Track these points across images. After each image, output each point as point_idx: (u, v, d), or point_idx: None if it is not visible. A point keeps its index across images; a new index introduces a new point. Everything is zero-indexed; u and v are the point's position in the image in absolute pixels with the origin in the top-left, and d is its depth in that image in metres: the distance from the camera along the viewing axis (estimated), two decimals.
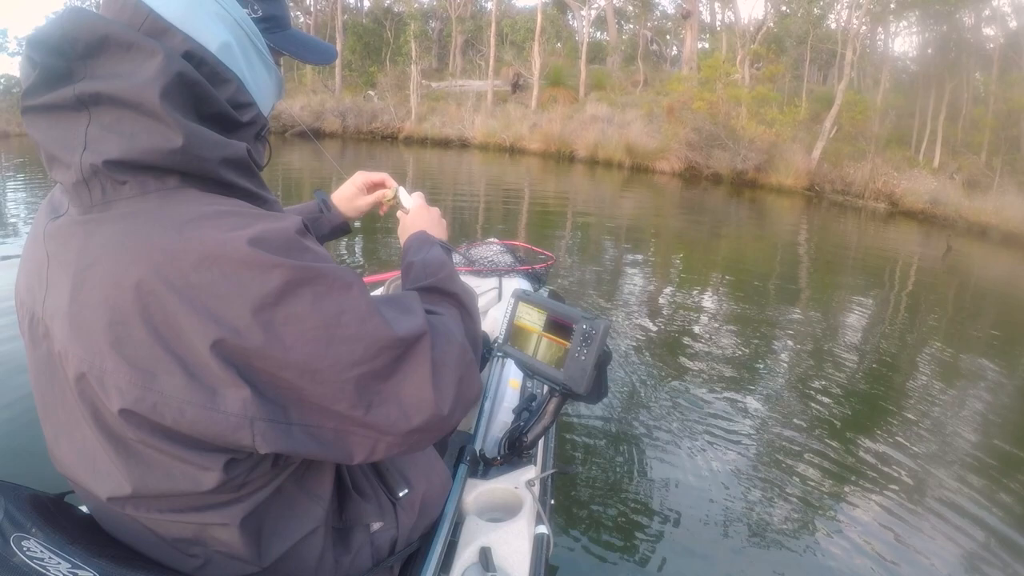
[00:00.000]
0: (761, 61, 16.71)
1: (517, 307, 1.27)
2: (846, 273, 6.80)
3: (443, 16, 25.87)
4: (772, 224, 10.03)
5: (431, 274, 0.90)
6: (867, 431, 2.98)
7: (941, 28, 15.65)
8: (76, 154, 0.61)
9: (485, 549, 1.05)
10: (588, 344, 1.12)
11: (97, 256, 0.61)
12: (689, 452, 2.62)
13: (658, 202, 11.29)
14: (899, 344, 4.49)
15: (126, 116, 0.61)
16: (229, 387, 0.59)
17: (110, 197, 0.63)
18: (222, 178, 0.67)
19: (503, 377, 1.70)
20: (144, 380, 0.59)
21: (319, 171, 11.63)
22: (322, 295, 0.63)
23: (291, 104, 20.23)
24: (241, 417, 0.60)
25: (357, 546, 0.87)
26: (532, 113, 18.40)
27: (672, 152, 14.57)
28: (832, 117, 13.86)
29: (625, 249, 7.01)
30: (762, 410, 3.11)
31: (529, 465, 1.30)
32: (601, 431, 2.75)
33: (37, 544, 0.65)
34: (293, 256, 0.62)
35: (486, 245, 2.87)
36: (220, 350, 0.58)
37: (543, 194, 10.88)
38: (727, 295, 5.35)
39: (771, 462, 2.62)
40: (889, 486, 2.51)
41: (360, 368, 0.65)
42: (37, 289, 0.68)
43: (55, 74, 0.61)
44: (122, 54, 0.62)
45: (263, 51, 0.76)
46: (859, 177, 12.61)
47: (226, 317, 0.58)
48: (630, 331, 4.10)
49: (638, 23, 26.69)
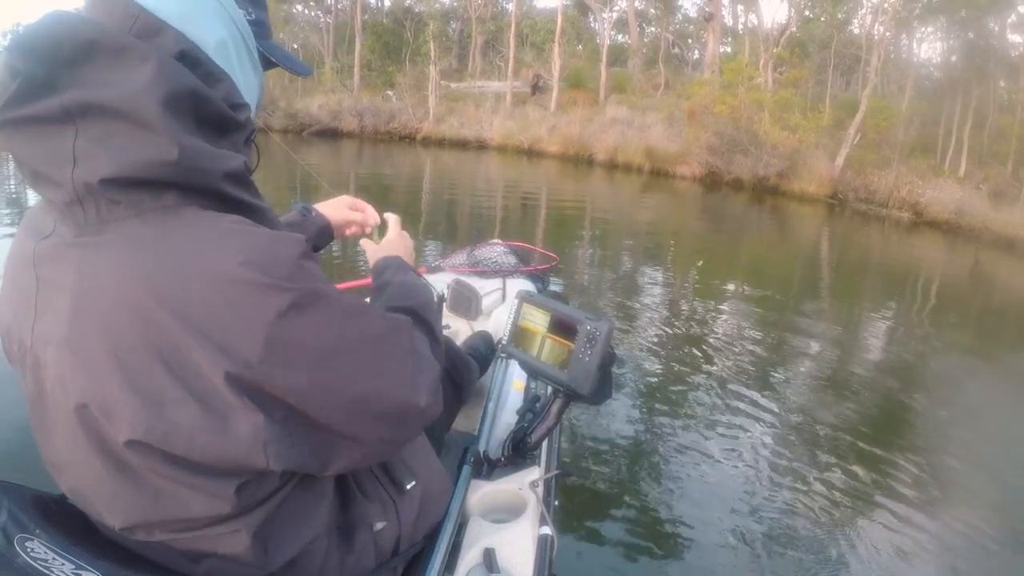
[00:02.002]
0: (784, 65, 16.47)
1: (521, 308, 1.27)
2: (868, 285, 6.69)
3: (463, 17, 25.97)
4: (793, 232, 9.91)
5: (410, 297, 0.93)
6: (885, 448, 2.90)
7: (967, 35, 15.35)
8: (66, 171, 0.58)
9: (489, 550, 1.05)
10: (592, 345, 1.12)
11: (97, 283, 0.59)
12: (696, 457, 2.60)
13: (677, 208, 11.20)
14: (921, 359, 4.40)
15: (117, 128, 0.58)
16: (241, 413, 0.59)
17: (105, 217, 0.60)
18: (221, 191, 0.64)
19: (507, 378, 1.70)
20: (153, 410, 0.58)
21: (338, 173, 11.71)
22: (325, 318, 0.64)
23: (309, 103, 20.38)
24: (254, 442, 0.60)
25: (361, 546, 0.86)
26: (551, 115, 18.29)
27: (692, 157, 14.38)
28: (856, 124, 13.63)
29: (643, 255, 6.96)
30: (773, 418, 3.07)
31: (533, 466, 1.29)
32: (607, 433, 2.73)
33: (41, 545, 0.65)
34: (297, 279, 0.61)
35: (490, 246, 2.89)
36: (233, 380, 0.58)
37: (561, 198, 10.87)
38: (744, 304, 5.29)
39: (780, 470, 2.59)
40: (903, 503, 2.46)
41: (355, 387, 0.67)
42: (24, 316, 0.65)
43: (38, 83, 0.57)
44: (112, 60, 0.58)
45: (254, 53, 0.76)
46: (883, 185, 12.39)
47: (236, 346, 0.58)
48: (643, 335, 4.07)
49: (660, 26, 26.55)
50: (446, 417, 1.34)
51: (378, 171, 12.99)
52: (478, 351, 1.74)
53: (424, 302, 0.92)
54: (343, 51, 24.51)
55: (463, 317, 2.26)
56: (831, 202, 12.79)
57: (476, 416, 1.54)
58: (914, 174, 12.68)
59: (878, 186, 12.47)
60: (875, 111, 14.19)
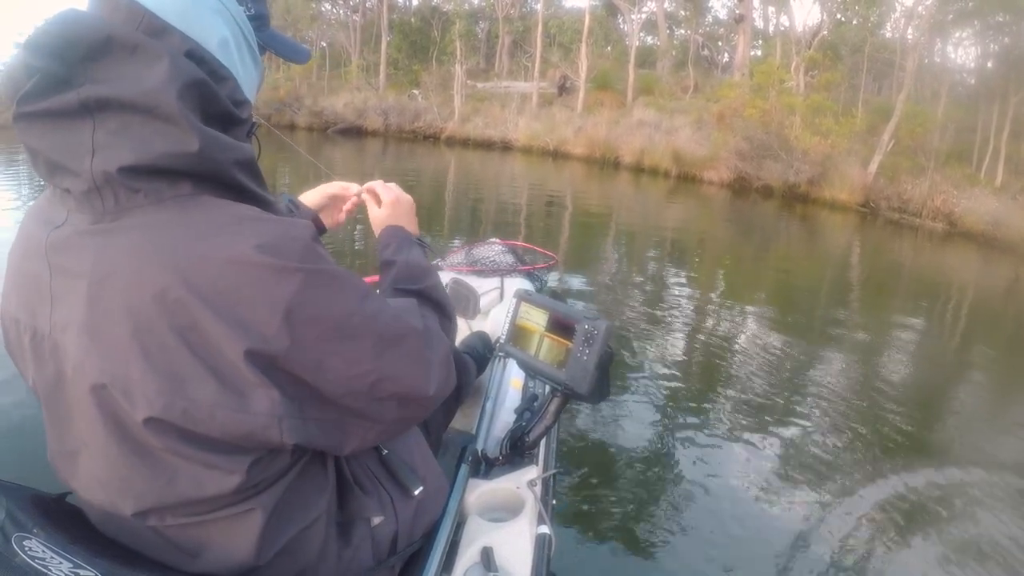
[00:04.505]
0: (817, 68, 16.13)
1: (519, 307, 1.29)
2: (899, 299, 6.44)
3: (491, 16, 26.04)
4: (823, 242, 9.66)
5: (416, 279, 0.95)
6: (906, 471, 2.72)
7: (1002, 39, 14.88)
8: (85, 161, 0.60)
9: (487, 549, 1.06)
10: (590, 344, 1.12)
11: (116, 266, 0.61)
12: (696, 458, 2.59)
13: (704, 214, 10.99)
14: (953, 380, 4.21)
15: (135, 121, 0.61)
16: (258, 389, 0.62)
17: (124, 205, 0.62)
18: (234, 180, 0.67)
19: (505, 377, 1.71)
20: (173, 387, 0.60)
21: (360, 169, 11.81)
22: (336, 297, 0.67)
23: (335, 101, 20.64)
24: (270, 416, 0.63)
25: (358, 540, 0.87)
26: (577, 116, 18.17)
27: (721, 161, 14.08)
28: (891, 129, 13.27)
29: (668, 262, 6.87)
30: (781, 428, 3.00)
31: (531, 465, 1.30)
32: (607, 432, 2.73)
33: (39, 544, 0.66)
34: (309, 260, 0.64)
35: (488, 245, 2.93)
36: (251, 356, 0.61)
37: (586, 201, 10.81)
38: (767, 315, 5.16)
39: (781, 478, 2.55)
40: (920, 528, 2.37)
41: (367, 365, 0.70)
42: (39, 305, 0.67)
43: (53, 80, 0.60)
44: (126, 56, 0.61)
45: (254, 48, 0.78)
46: (917, 194, 12.04)
47: (254, 323, 0.61)
48: (659, 339, 4.04)
49: (689, 27, 26.30)
50: (444, 416, 1.35)
51: (402, 168, 13.10)
52: (476, 350, 1.75)
53: (432, 284, 0.96)
54: (370, 49, 24.79)
55: (461, 316, 2.29)
56: (863, 210, 12.43)
57: (474, 415, 1.55)
58: (949, 183, 12.29)
59: (911, 195, 12.12)
60: (910, 116, 13.81)
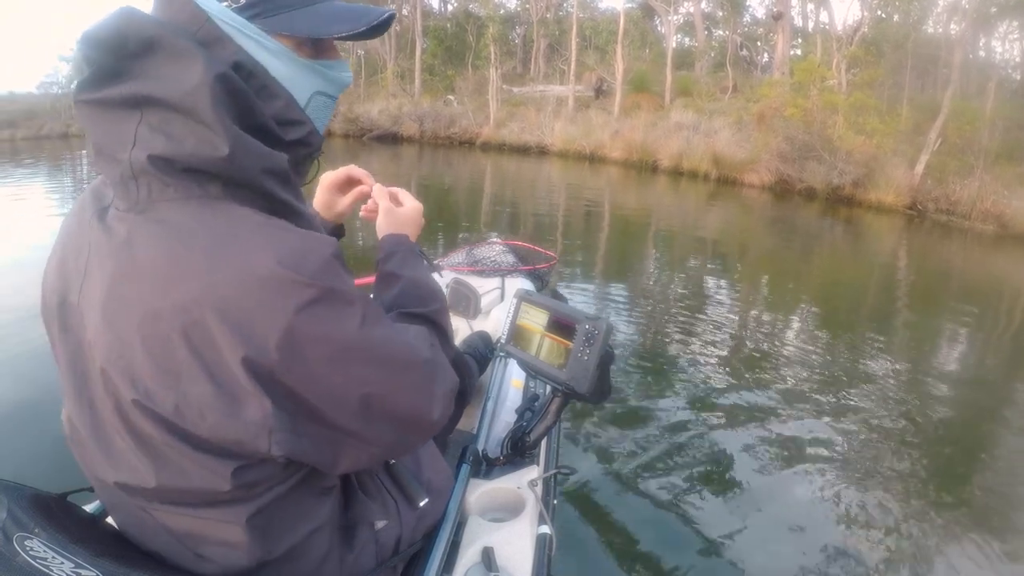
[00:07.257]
0: (859, 65, 15.53)
1: (520, 307, 1.28)
2: (947, 306, 6.12)
3: (526, 21, 26.00)
4: (868, 246, 9.29)
5: (424, 301, 0.92)
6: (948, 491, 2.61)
7: None
8: (125, 150, 0.63)
9: (488, 549, 1.06)
10: (591, 344, 1.12)
11: (135, 256, 0.64)
12: (697, 459, 2.58)
13: (745, 218, 10.72)
14: (1003, 391, 3.99)
15: (175, 119, 0.63)
16: (252, 398, 0.62)
17: (155, 197, 0.65)
18: (262, 187, 0.67)
19: (506, 377, 1.71)
20: (168, 380, 0.62)
21: (397, 173, 11.95)
22: (345, 318, 0.66)
23: (370, 107, 20.84)
24: (261, 427, 0.63)
25: (361, 544, 0.87)
26: (614, 120, 17.90)
27: (762, 163, 13.61)
28: (938, 128, 12.70)
29: (707, 267, 6.76)
30: (793, 434, 2.94)
31: (532, 465, 1.30)
32: (607, 432, 2.71)
33: (40, 544, 0.67)
34: (324, 278, 0.64)
35: (488, 245, 2.94)
36: (249, 364, 0.61)
37: (623, 205, 10.71)
38: (810, 324, 5.01)
39: (784, 481, 2.51)
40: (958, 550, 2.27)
41: (368, 388, 0.69)
42: (74, 275, 0.70)
43: (107, 72, 0.64)
44: (166, 57, 0.63)
45: (308, 64, 0.75)
46: (966, 195, 11.49)
47: (256, 334, 0.61)
48: (690, 342, 3.99)
49: (727, 28, 25.82)
50: (450, 421, 1.34)
51: (437, 174, 13.20)
52: (477, 350, 1.74)
53: (439, 309, 0.93)
54: (405, 56, 25.00)
55: (462, 316, 2.29)
56: (909, 213, 11.92)
57: (475, 415, 1.55)
58: (999, 183, 11.69)
59: (960, 195, 11.58)
60: (957, 114, 13.16)
